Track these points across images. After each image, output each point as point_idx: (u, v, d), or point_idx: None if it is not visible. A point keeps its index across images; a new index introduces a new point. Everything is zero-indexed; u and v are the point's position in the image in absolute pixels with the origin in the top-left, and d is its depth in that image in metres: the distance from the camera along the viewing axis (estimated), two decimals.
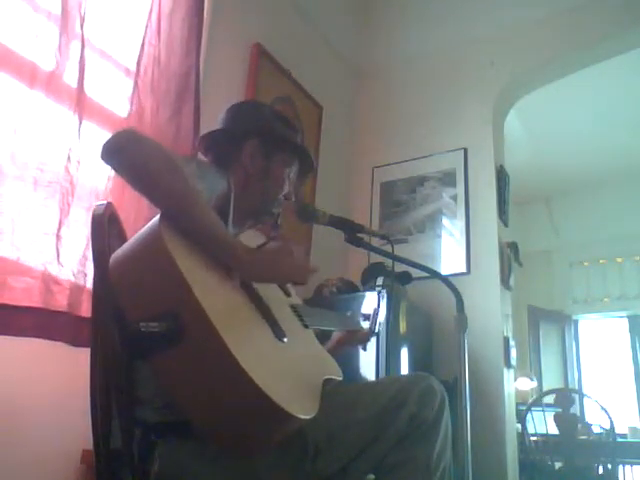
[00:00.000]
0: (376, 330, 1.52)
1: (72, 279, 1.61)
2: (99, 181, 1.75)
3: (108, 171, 1.76)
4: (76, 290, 1.61)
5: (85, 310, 1.60)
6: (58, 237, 1.60)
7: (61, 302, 1.57)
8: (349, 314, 1.56)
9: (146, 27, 1.99)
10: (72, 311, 1.59)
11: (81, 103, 1.71)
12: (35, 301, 1.52)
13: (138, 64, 1.94)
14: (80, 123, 1.71)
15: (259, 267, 0.98)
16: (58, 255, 1.60)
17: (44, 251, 1.57)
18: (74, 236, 1.64)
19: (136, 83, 1.92)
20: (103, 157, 0.94)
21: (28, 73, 1.61)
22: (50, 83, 1.65)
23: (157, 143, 0.97)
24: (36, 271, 1.54)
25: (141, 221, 1.65)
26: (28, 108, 1.60)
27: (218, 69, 2.37)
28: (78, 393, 1.04)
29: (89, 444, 0.96)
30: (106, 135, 1.76)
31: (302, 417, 0.84)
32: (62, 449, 1.59)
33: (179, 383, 0.82)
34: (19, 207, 1.53)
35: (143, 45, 1.96)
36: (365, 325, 1.51)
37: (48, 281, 1.56)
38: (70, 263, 1.62)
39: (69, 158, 1.67)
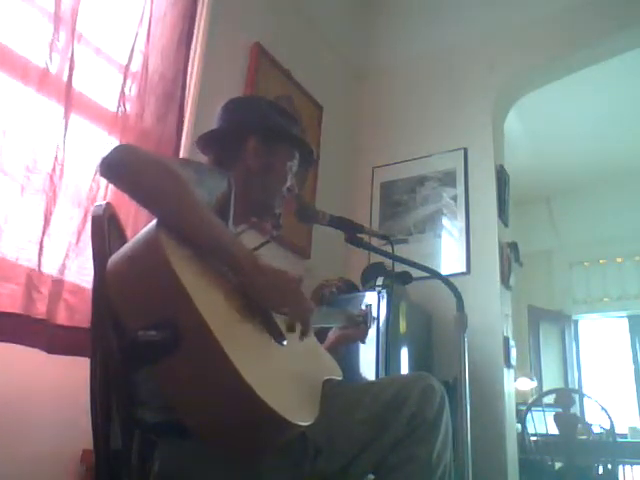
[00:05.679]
0: (370, 325, 1.52)
1: (50, 287, 1.61)
2: (84, 187, 1.75)
3: (95, 177, 1.76)
4: (55, 297, 1.61)
5: (61, 318, 1.61)
6: (41, 246, 1.60)
7: (40, 309, 1.58)
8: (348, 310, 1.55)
9: (137, 31, 1.99)
10: (49, 318, 1.58)
11: (70, 100, 1.71)
12: (17, 307, 1.53)
13: (127, 67, 1.94)
14: (67, 119, 1.70)
15: (263, 281, 0.94)
16: (40, 264, 1.60)
17: (28, 257, 1.57)
18: (56, 244, 1.64)
19: (123, 87, 1.92)
20: (102, 173, 0.93)
21: (21, 70, 1.61)
22: (43, 80, 1.65)
23: (155, 155, 0.97)
24: (20, 278, 1.55)
25: (141, 221, 1.66)
26: (21, 104, 1.60)
27: (218, 68, 2.37)
28: (78, 393, 1.04)
29: (89, 444, 0.96)
30: (95, 131, 1.80)
31: (302, 424, 0.84)
32: (62, 449, 1.59)
33: (178, 390, 0.82)
34: (5, 214, 1.54)
35: (133, 49, 1.96)
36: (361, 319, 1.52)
37: (30, 288, 1.56)
38: (51, 269, 1.62)
39: (56, 158, 1.66)
